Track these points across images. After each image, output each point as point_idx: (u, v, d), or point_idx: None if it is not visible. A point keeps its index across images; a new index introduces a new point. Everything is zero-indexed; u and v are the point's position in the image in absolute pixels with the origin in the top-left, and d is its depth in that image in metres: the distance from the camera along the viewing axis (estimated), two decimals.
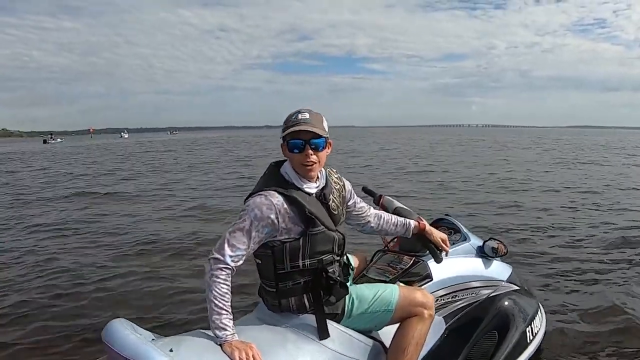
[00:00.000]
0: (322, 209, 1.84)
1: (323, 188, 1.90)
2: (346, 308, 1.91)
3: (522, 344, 2.42)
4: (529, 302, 2.64)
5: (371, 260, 2.53)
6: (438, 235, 2.26)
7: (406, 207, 2.47)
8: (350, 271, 2.08)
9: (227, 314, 1.67)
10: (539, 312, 2.65)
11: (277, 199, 1.74)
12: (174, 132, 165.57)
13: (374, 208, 2.51)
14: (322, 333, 1.80)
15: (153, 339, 1.59)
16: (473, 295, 2.43)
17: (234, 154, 27.34)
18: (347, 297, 1.92)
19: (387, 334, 2.01)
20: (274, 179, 1.83)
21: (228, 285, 1.70)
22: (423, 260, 2.38)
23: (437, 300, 2.27)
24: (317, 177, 1.90)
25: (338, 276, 1.89)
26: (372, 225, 2.23)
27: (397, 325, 1.97)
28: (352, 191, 2.13)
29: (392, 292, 1.96)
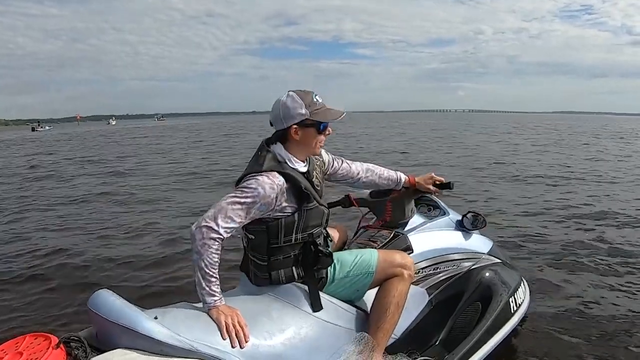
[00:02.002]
0: (309, 186, 1.91)
1: (309, 167, 1.99)
2: (329, 273, 1.98)
3: (506, 314, 2.43)
4: (511, 274, 2.67)
5: (353, 236, 2.58)
6: (427, 180, 2.44)
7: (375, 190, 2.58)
8: (330, 242, 2.12)
9: (216, 281, 1.71)
10: (522, 285, 2.67)
11: (279, 179, 1.79)
12: (162, 119, 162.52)
13: (344, 207, 2.67)
14: (315, 304, 1.87)
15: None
16: (455, 267, 2.44)
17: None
18: None
19: (370, 302, 2.04)
20: (271, 159, 1.87)
21: (219, 254, 1.72)
22: (403, 234, 2.40)
23: (419, 272, 2.28)
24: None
25: (324, 247, 1.97)
26: (362, 180, 2.34)
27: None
28: (330, 157, 2.23)
29: (372, 255, 2.04)
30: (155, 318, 1.56)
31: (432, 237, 2.47)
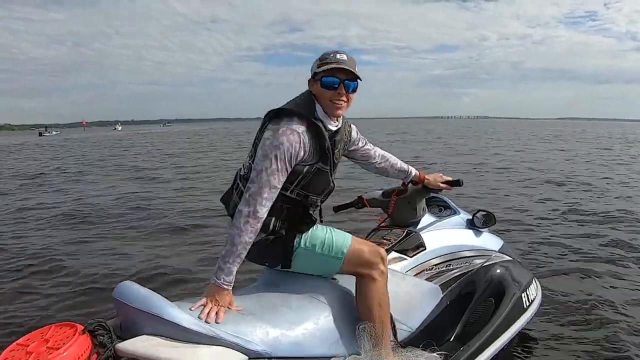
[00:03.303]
0: (331, 148, 1.88)
1: (336, 132, 1.93)
2: (298, 242, 1.91)
3: (519, 309, 2.46)
4: (522, 271, 2.71)
5: (367, 237, 2.56)
6: (437, 179, 2.46)
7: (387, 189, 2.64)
8: (320, 217, 2.08)
9: (239, 263, 1.73)
10: (533, 282, 2.70)
11: (302, 129, 1.77)
12: (168, 125, 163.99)
13: (357, 209, 2.69)
14: (286, 257, 1.88)
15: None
16: (467, 264, 2.48)
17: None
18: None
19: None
20: (306, 104, 1.85)
21: (253, 238, 1.73)
22: (416, 232, 2.45)
23: (432, 268, 2.35)
24: (337, 119, 1.94)
25: (314, 214, 1.95)
26: (377, 165, 2.36)
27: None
28: (358, 135, 2.22)
29: (345, 240, 1.94)
30: (178, 307, 1.59)
31: (443, 235, 2.52)
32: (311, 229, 1.93)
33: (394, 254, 2.32)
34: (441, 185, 2.48)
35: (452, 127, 61.83)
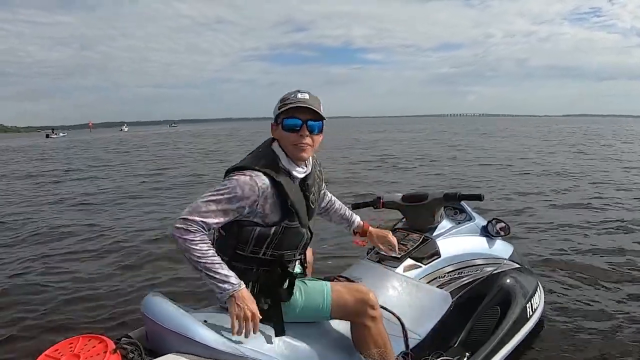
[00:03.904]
0: (302, 201, 1.77)
1: (307, 177, 1.82)
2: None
3: (523, 319, 2.51)
4: (529, 279, 2.75)
5: None
6: (380, 237, 2.30)
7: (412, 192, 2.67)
8: (303, 267, 2.01)
9: (220, 265, 1.61)
10: (538, 289, 2.75)
11: (262, 181, 1.65)
12: (173, 125, 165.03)
13: (374, 209, 2.74)
14: (277, 329, 1.74)
15: (187, 312, 1.66)
16: (477, 272, 2.53)
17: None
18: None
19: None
20: (265, 156, 1.74)
21: (208, 244, 1.61)
22: (432, 238, 2.51)
23: (444, 276, 2.42)
24: (305, 163, 1.82)
25: (295, 274, 1.84)
26: (324, 208, 2.24)
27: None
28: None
29: (325, 298, 1.81)
30: (205, 322, 1.63)
31: (458, 243, 2.58)
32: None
33: (409, 261, 2.40)
34: (381, 246, 2.34)
35: (461, 125, 61.06)
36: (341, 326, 1.91)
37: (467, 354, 2.19)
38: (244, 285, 1.64)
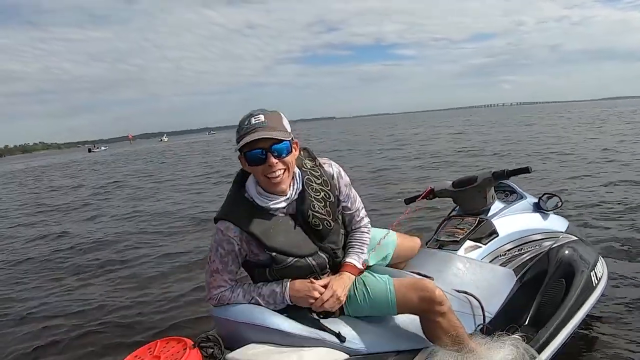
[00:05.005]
0: (293, 233, 1.65)
1: (299, 203, 1.66)
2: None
3: (589, 288, 2.48)
4: (589, 250, 2.73)
5: (438, 227, 2.64)
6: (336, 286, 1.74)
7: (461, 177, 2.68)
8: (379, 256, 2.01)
9: (261, 287, 1.65)
10: (599, 260, 2.71)
11: (233, 232, 1.59)
12: (212, 133, 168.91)
13: (428, 200, 2.74)
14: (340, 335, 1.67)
15: None
16: (537, 247, 2.52)
17: None
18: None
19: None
20: (235, 201, 1.65)
21: (239, 287, 1.66)
22: (487, 219, 2.52)
23: (505, 254, 2.43)
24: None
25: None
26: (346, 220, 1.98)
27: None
28: (348, 186, 1.80)
29: (388, 295, 1.73)
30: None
31: (513, 220, 2.59)
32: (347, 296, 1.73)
33: (469, 243, 2.40)
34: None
35: (504, 114, 57.79)
36: (412, 315, 1.88)
37: (538, 330, 2.17)
38: (288, 280, 1.65)
